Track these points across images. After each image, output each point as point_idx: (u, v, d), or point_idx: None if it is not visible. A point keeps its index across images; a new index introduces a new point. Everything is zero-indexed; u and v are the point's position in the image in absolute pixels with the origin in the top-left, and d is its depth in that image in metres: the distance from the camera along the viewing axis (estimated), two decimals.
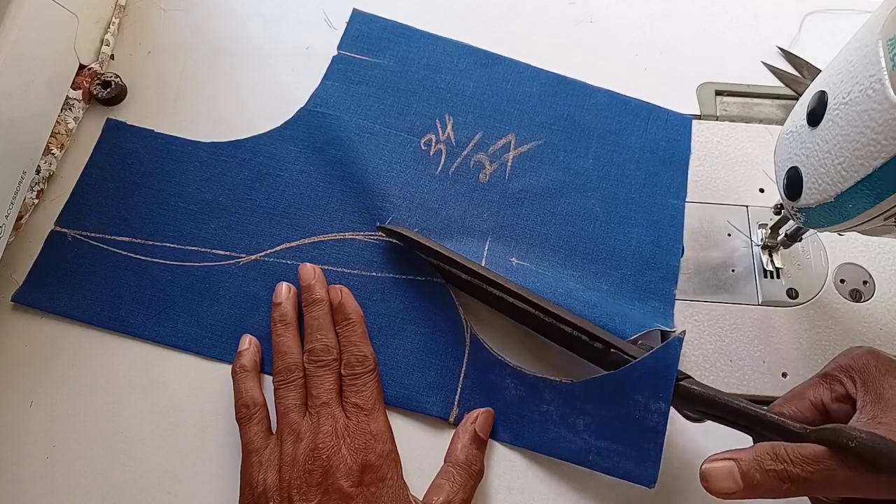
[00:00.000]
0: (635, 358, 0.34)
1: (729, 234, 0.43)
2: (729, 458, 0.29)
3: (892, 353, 0.39)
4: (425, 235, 0.41)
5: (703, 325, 0.41)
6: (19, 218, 0.42)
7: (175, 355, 0.40)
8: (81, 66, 0.46)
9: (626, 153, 0.45)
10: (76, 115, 0.45)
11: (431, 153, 0.45)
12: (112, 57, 0.49)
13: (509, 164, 0.45)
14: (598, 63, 0.49)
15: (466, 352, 0.39)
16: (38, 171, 0.43)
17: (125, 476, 0.37)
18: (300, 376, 0.37)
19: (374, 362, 0.38)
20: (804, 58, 0.49)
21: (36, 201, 0.43)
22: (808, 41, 0.50)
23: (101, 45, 0.48)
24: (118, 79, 0.46)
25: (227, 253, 0.42)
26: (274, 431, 0.36)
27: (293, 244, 0.42)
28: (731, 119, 0.47)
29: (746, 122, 0.47)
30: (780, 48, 0.50)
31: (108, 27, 0.49)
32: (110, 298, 0.41)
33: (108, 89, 0.46)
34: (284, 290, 0.40)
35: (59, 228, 0.43)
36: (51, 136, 0.44)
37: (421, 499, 0.35)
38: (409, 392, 0.38)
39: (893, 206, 0.27)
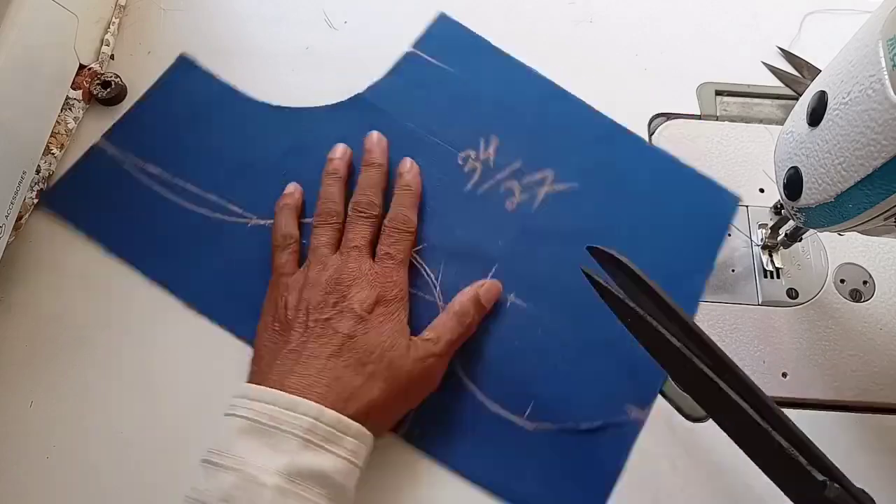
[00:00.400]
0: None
1: (729, 234, 0.43)
2: None
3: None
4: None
5: (704, 325, 0.41)
6: (19, 218, 0.42)
7: (176, 354, 0.40)
8: (81, 66, 0.46)
9: (662, 218, 0.43)
10: (76, 115, 0.45)
11: (466, 169, 0.45)
12: (112, 57, 0.48)
13: (539, 198, 0.44)
14: (598, 63, 0.49)
15: None
16: (38, 171, 0.43)
17: (125, 476, 0.37)
18: (339, 221, 0.40)
19: (415, 229, 0.40)
20: (804, 58, 0.49)
21: (36, 201, 0.43)
22: (808, 41, 0.50)
23: (101, 45, 0.48)
24: (118, 79, 0.46)
25: (240, 211, 0.43)
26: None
27: (304, 220, 0.42)
28: (731, 119, 0.47)
29: (746, 122, 0.47)
30: (780, 48, 0.50)
31: (108, 27, 0.48)
32: (125, 223, 0.43)
33: (108, 89, 0.46)
34: (341, 149, 0.43)
35: (103, 143, 0.45)
36: (51, 136, 0.44)
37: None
38: None
39: (893, 206, 0.27)
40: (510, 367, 0.39)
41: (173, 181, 0.44)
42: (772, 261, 0.42)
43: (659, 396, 0.38)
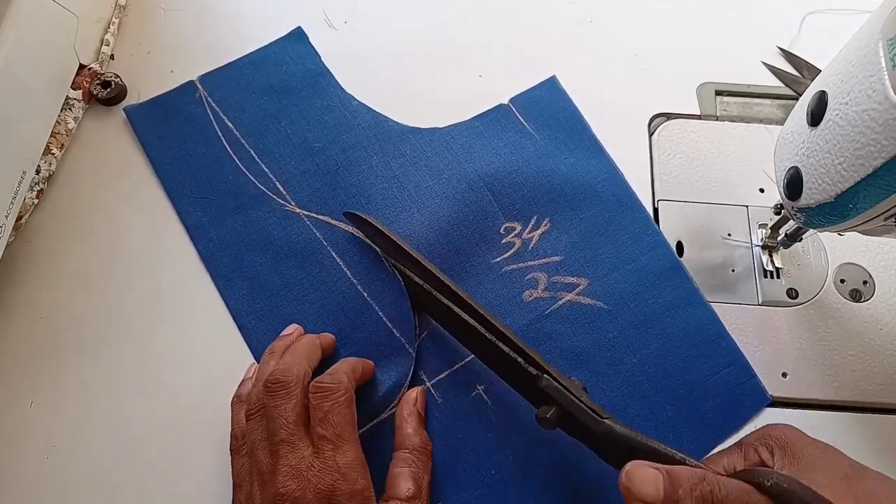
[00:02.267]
0: (566, 389, 0.32)
1: (729, 234, 0.43)
2: (658, 469, 0.28)
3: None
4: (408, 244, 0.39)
5: None
6: (19, 218, 0.42)
7: (176, 354, 0.40)
8: (81, 66, 0.46)
9: (678, 381, 0.39)
10: (76, 115, 0.45)
11: (503, 241, 0.42)
12: (112, 57, 0.49)
13: (560, 302, 0.40)
14: (598, 63, 0.49)
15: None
16: (38, 171, 0.43)
17: (126, 476, 0.37)
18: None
19: (345, 388, 0.33)
20: (804, 58, 0.49)
21: (36, 201, 0.43)
22: (808, 41, 0.50)
23: (101, 45, 0.48)
24: (118, 79, 0.46)
25: (284, 193, 0.44)
26: None
27: (329, 220, 0.43)
28: (731, 119, 0.47)
29: (746, 122, 0.47)
30: (780, 48, 0.50)
31: (108, 27, 0.49)
32: (183, 160, 0.45)
33: (108, 89, 0.46)
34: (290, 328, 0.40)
35: (197, 82, 0.47)
36: (51, 136, 0.44)
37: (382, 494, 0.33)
38: None
39: (893, 206, 0.27)
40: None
41: (241, 141, 0.45)
42: (772, 261, 0.42)
43: None
